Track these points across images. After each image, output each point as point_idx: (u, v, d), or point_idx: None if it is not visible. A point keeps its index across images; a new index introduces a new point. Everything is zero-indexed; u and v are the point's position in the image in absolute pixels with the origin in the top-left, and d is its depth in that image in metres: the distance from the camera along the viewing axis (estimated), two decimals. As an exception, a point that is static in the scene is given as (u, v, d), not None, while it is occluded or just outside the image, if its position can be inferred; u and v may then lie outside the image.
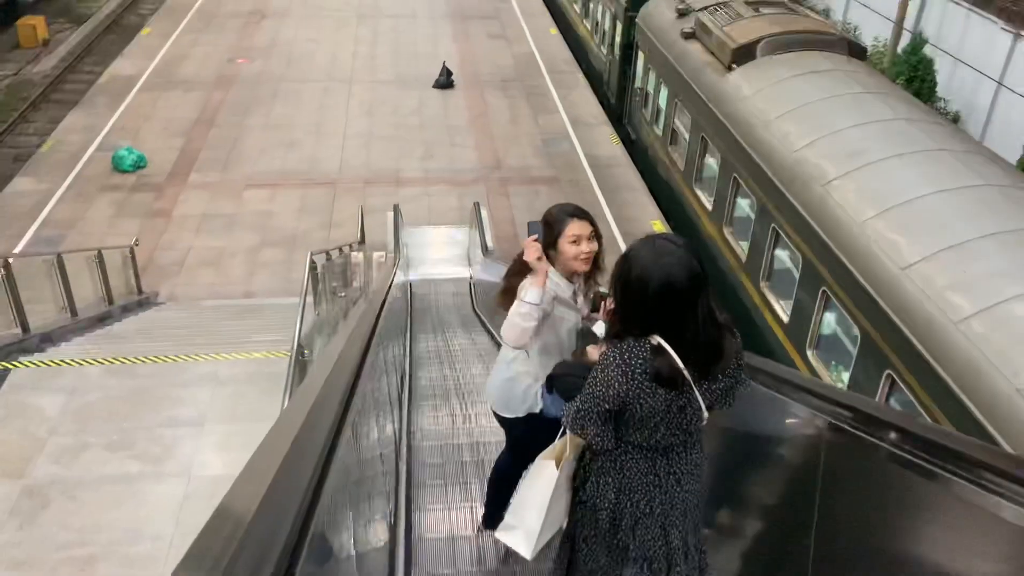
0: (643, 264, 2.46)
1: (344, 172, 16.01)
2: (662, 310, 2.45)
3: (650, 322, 2.49)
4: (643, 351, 2.48)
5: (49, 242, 13.35)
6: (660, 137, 15.38)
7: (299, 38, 22.67)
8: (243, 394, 7.13)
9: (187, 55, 21.13)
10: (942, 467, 2.22)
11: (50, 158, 15.91)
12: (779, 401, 3.04)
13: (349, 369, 2.66)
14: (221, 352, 7.80)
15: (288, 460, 1.61)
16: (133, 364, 7.50)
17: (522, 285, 3.22)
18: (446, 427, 6.90)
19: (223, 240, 13.79)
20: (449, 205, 15.09)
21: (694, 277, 2.45)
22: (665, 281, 2.42)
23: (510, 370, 3.61)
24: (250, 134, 17.26)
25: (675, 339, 2.47)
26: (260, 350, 7.97)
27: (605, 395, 2.52)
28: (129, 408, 6.97)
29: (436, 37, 23.11)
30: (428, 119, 18.34)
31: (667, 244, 2.49)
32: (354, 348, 3.13)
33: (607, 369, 2.51)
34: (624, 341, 2.52)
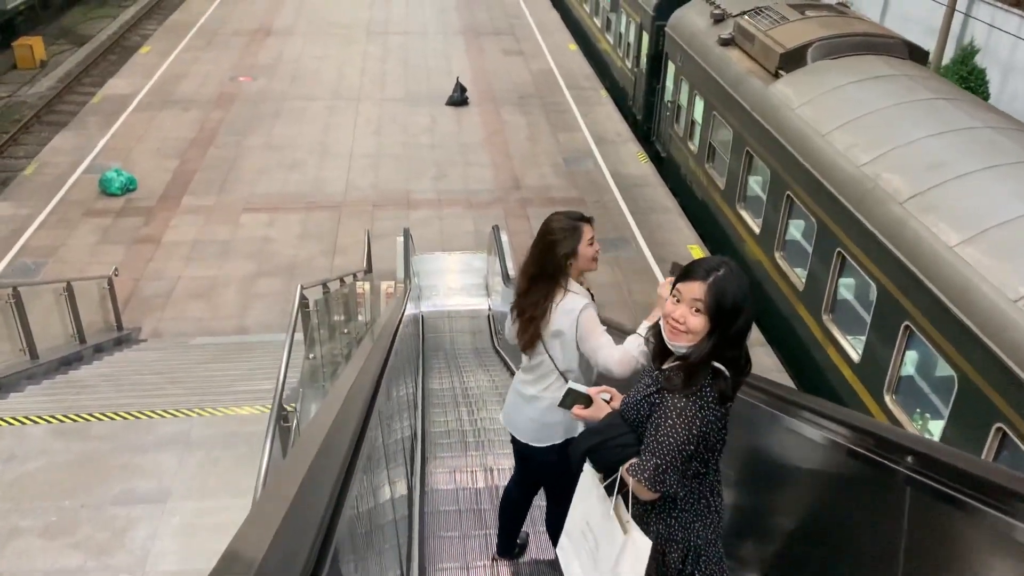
0: (746, 291, 2.44)
1: (350, 194, 14.76)
2: (743, 333, 2.47)
3: (738, 345, 2.49)
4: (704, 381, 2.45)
5: (25, 271, 12.13)
6: (695, 153, 14.06)
7: (305, 55, 21.59)
8: (216, 461, 5.78)
9: (187, 73, 20.04)
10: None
11: (33, 181, 14.74)
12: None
13: (353, 423, 2.48)
14: (196, 406, 6.47)
15: (289, 520, 1.43)
16: (87, 422, 6.17)
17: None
18: (465, 484, 5.61)
19: (216, 269, 12.52)
20: (464, 229, 13.79)
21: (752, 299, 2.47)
22: (749, 304, 2.44)
23: (545, 399, 3.63)
24: (250, 155, 16.06)
25: (734, 368, 2.48)
26: (244, 402, 6.64)
27: (688, 437, 2.45)
28: (75, 479, 5.63)
29: (448, 54, 21.98)
30: (441, 137, 17.11)
31: (734, 266, 2.47)
32: (360, 397, 2.87)
33: (684, 412, 2.44)
34: (690, 389, 2.44)
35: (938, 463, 2.15)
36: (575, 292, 3.53)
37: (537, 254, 3.54)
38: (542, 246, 3.52)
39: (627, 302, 11.74)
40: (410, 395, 8.53)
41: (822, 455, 2.83)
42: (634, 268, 12.64)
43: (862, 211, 8.83)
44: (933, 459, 2.18)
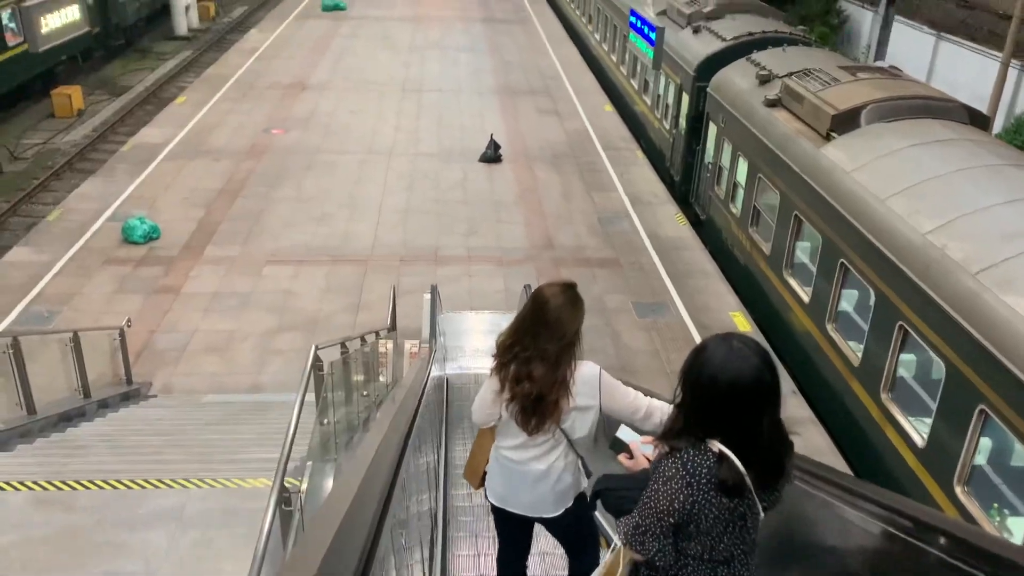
0: (715, 363, 2.38)
1: (377, 249, 14.28)
2: (727, 414, 2.37)
3: (714, 424, 2.40)
4: (706, 459, 2.39)
5: (38, 319, 11.70)
6: (737, 216, 13.45)
7: (339, 110, 21.47)
8: (210, 543, 5.12)
9: (220, 124, 19.94)
10: None
11: (56, 227, 14.45)
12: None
13: (375, 501, 2.38)
14: (195, 476, 5.83)
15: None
16: (73, 490, 5.55)
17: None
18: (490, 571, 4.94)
19: (234, 322, 12.01)
20: (494, 287, 13.22)
21: (763, 386, 2.36)
22: (733, 384, 2.35)
23: (558, 468, 3.60)
24: (278, 207, 15.71)
25: (736, 445, 2.37)
26: (247, 473, 5.99)
27: (669, 509, 2.41)
28: (53, 558, 5.00)
29: (483, 111, 21.76)
30: (472, 194, 16.69)
31: (742, 347, 2.39)
32: (381, 475, 2.78)
33: (670, 481, 2.41)
34: (684, 451, 2.43)
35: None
36: (579, 359, 3.46)
37: (551, 330, 3.39)
38: (555, 320, 3.40)
39: (665, 371, 11.02)
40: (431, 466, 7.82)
41: (880, 547, 2.70)
42: (672, 335, 11.95)
43: (927, 282, 8.12)
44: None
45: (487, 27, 32.01)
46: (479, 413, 3.67)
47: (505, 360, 3.51)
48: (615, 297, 12.92)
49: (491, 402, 3.55)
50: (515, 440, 3.59)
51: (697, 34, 17.07)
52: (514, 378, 3.45)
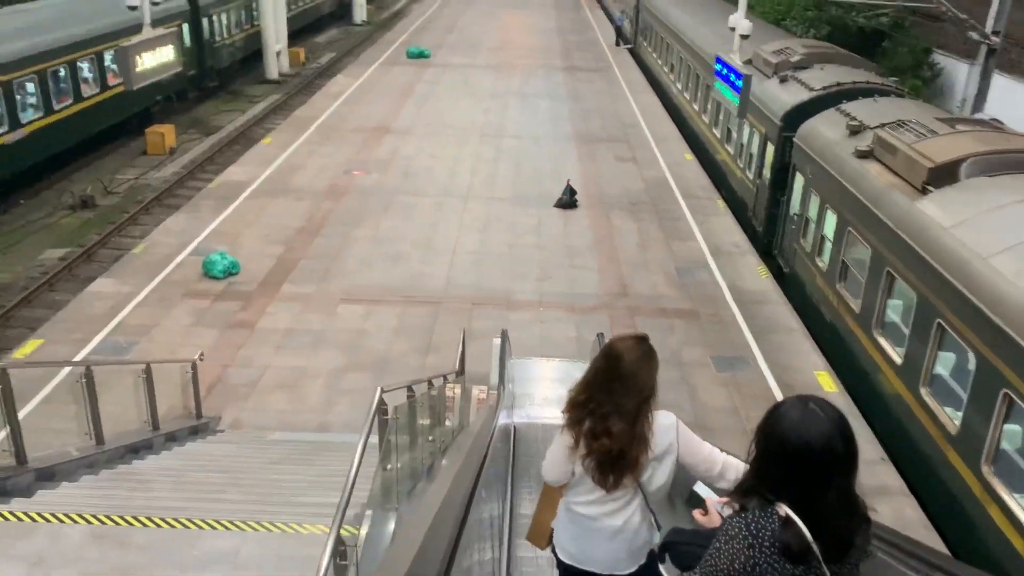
0: (786, 424, 2.35)
1: (450, 291, 14.18)
2: (795, 477, 2.32)
3: (782, 487, 2.34)
4: (771, 522, 2.33)
5: (116, 350, 11.91)
6: (824, 271, 12.88)
7: (420, 153, 21.72)
8: (263, 590, 4.90)
9: (303, 165, 20.37)
10: None
11: (140, 260, 14.83)
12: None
13: (439, 556, 2.34)
14: (252, 518, 5.66)
15: None
16: (130, 527, 5.44)
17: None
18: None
19: (306, 359, 12.00)
20: (566, 335, 12.92)
21: (833, 453, 2.31)
22: (803, 447, 2.31)
23: (633, 523, 3.49)
24: (355, 246, 15.83)
25: (805, 511, 2.30)
26: (305, 518, 5.79)
27: (729, 569, 2.34)
28: (104, 596, 4.85)
29: (560, 158, 21.70)
30: (547, 239, 16.51)
31: (817, 410, 2.35)
32: (446, 523, 2.77)
33: (732, 541, 2.36)
34: (751, 511, 2.38)
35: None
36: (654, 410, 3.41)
37: (627, 385, 3.33)
38: (631, 375, 3.33)
39: (744, 430, 10.46)
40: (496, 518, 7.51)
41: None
42: (753, 392, 11.41)
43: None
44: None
45: (568, 75, 32.19)
46: (551, 471, 3.56)
47: (579, 416, 3.42)
48: (693, 350, 12.46)
49: (565, 459, 3.44)
50: (589, 496, 3.48)
51: (784, 84, 16.67)
52: (590, 434, 3.35)
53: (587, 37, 41.68)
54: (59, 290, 15.71)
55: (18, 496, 5.98)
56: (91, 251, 17.43)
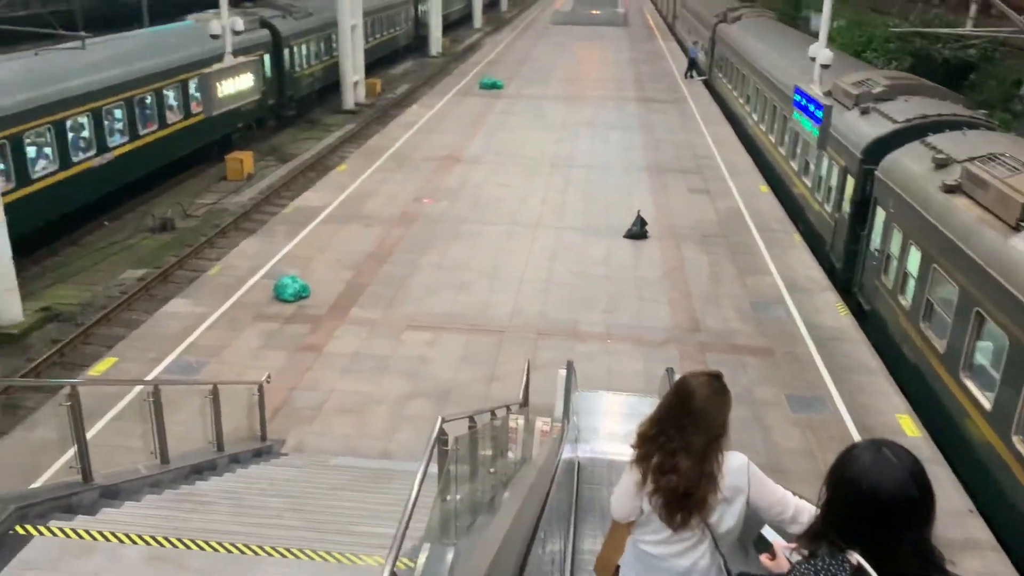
0: (859, 468, 2.30)
1: (515, 320, 14.04)
2: (866, 524, 2.26)
3: (853, 533, 2.28)
4: (841, 570, 2.24)
5: (187, 369, 12.10)
6: (907, 309, 12.31)
7: (489, 182, 21.77)
8: (314, 623, 4.76)
9: (375, 192, 20.62)
10: None
11: (215, 282, 15.13)
12: None
13: None
14: (309, 546, 5.56)
15: None
16: (187, 549, 5.39)
17: None
18: None
19: (370, 385, 11.98)
20: (633, 368, 12.61)
21: (907, 501, 2.24)
22: (875, 493, 2.24)
23: (701, 566, 3.37)
24: (422, 272, 15.86)
25: (878, 560, 2.19)
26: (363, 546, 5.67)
27: None
28: (157, 620, 4.79)
29: (631, 188, 21.46)
30: (616, 270, 16.25)
31: (892, 456, 2.29)
32: (508, 562, 2.74)
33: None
34: (820, 557, 2.33)
35: None
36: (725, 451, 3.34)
37: (697, 422, 3.28)
38: (702, 413, 3.28)
39: (820, 474, 9.92)
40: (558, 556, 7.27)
41: None
42: (830, 434, 10.89)
43: None
44: None
45: (641, 106, 32.02)
46: (619, 507, 3.54)
47: (647, 451, 3.40)
48: (767, 389, 12.00)
49: (632, 495, 3.43)
50: (657, 535, 3.42)
51: (865, 115, 16.16)
52: (658, 470, 3.34)
53: (660, 68, 41.49)
54: (136, 310, 16.13)
55: (82, 513, 6.02)
56: (168, 272, 17.90)
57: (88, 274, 18.14)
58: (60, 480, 6.72)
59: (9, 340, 14.81)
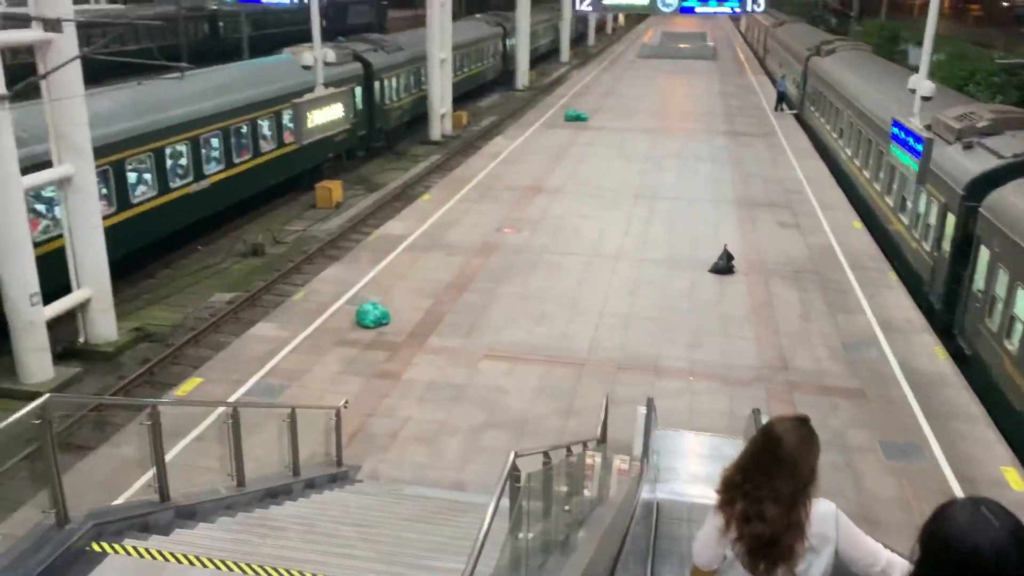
0: (954, 526, 2.17)
1: (594, 353, 13.78)
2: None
3: None
4: None
5: (269, 392, 12.27)
6: (1014, 355, 11.53)
7: (570, 213, 21.65)
8: (378, 661, 4.60)
9: (457, 222, 20.74)
10: None
11: (299, 306, 15.40)
12: None
13: None
14: (376, 578, 5.42)
15: None
16: (254, 575, 5.31)
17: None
18: None
19: (446, 414, 11.89)
20: (718, 408, 12.17)
21: (1005, 566, 2.07)
22: (970, 555, 2.10)
23: None
24: (500, 302, 15.78)
25: None
26: (430, 582, 5.50)
27: None
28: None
29: (717, 222, 20.99)
30: (700, 304, 15.83)
31: (990, 516, 2.13)
32: None
33: None
34: None
35: None
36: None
37: (785, 469, 3.17)
38: (790, 459, 3.17)
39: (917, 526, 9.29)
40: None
41: None
42: (927, 484, 10.22)
43: None
44: None
45: (729, 139, 31.48)
46: (702, 553, 3.43)
47: (732, 497, 3.31)
48: (859, 433, 11.39)
49: (716, 541, 3.33)
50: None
51: (968, 150, 15.41)
52: (743, 517, 3.24)
53: (750, 102, 40.81)
54: (224, 332, 16.54)
55: (157, 533, 6.03)
56: (256, 296, 18.33)
57: (180, 296, 18.74)
58: (139, 498, 6.79)
59: (104, 358, 15.36)
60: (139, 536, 5.82)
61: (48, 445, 5.24)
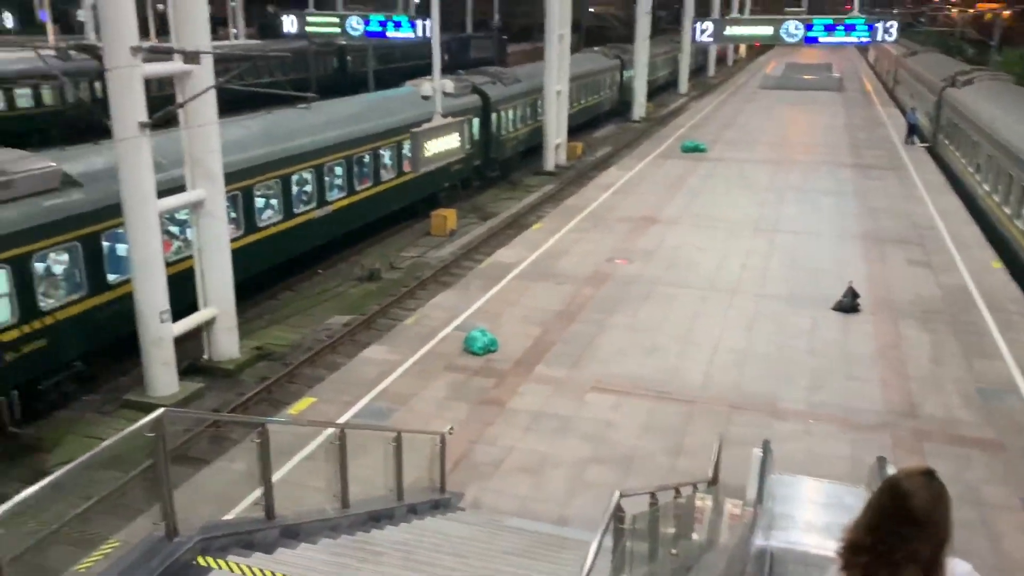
0: None
1: (707, 390, 13.30)
2: None
3: None
4: None
5: (377, 414, 12.42)
6: None
7: (686, 245, 21.18)
8: None
9: (568, 251, 20.64)
10: None
11: (411, 331, 15.60)
12: None
13: None
14: (472, 611, 5.27)
15: None
16: (352, 600, 5.27)
17: None
18: None
19: (551, 445, 11.70)
20: (838, 453, 11.47)
21: None
22: None
23: None
24: (610, 334, 15.51)
25: None
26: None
27: None
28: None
29: (842, 258, 20.05)
30: (821, 344, 15.06)
31: None
32: None
33: None
34: None
35: None
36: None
37: (922, 530, 2.95)
38: (926, 519, 2.94)
39: (1065, 598, 8.46)
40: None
41: None
42: (1078, 552, 9.26)
43: None
44: None
45: (856, 172, 30.19)
46: None
47: (859, 560, 3.05)
48: (996, 489, 10.47)
49: None
50: None
51: None
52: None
53: (878, 135, 39.11)
54: (339, 353, 16.92)
55: (260, 551, 6.11)
56: (371, 320, 18.72)
57: (300, 317, 19.35)
58: (246, 515, 6.91)
59: (225, 374, 15.97)
60: (243, 553, 5.89)
61: (160, 458, 5.38)
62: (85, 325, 14.50)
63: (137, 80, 13.23)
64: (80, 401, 14.75)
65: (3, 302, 13.02)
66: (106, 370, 15.52)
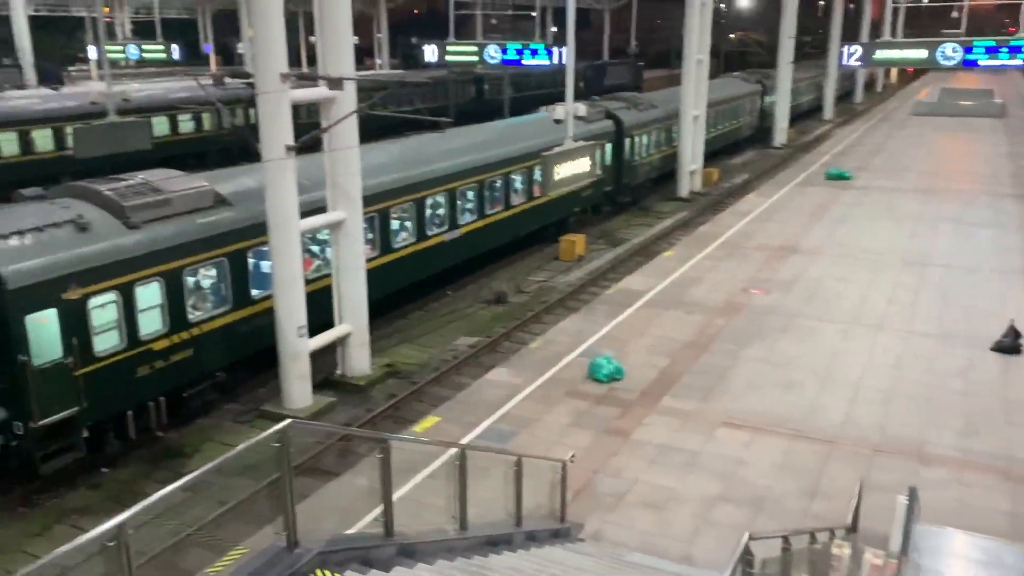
0: None
1: (847, 430, 12.49)
2: None
3: None
4: None
5: (499, 436, 12.36)
6: None
7: (827, 276, 20.17)
8: None
9: (700, 279, 20.07)
10: None
11: (535, 355, 15.53)
12: None
13: None
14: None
15: None
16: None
17: None
18: None
19: (677, 481, 11.27)
20: (995, 506, 10.48)
21: None
22: None
23: None
24: (743, 367, 14.89)
25: None
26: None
27: None
28: None
29: (1003, 294, 18.54)
30: (977, 386, 13.90)
31: None
32: None
33: None
34: None
35: None
36: None
37: None
38: None
39: None
40: None
41: None
42: None
43: None
44: None
45: (1018, 204, 28.01)
46: None
47: None
48: None
49: None
50: None
51: None
52: None
53: (1045, 163, 36.23)
54: (464, 374, 17.04)
55: (377, 568, 6.10)
56: (496, 342, 18.78)
57: (428, 337, 19.66)
58: (366, 531, 6.95)
59: (356, 390, 16.38)
60: (360, 569, 5.90)
61: (284, 469, 5.46)
62: (228, 337, 15.24)
63: (285, 105, 13.89)
64: (220, 410, 15.47)
65: (156, 313, 13.85)
66: (245, 381, 16.24)
